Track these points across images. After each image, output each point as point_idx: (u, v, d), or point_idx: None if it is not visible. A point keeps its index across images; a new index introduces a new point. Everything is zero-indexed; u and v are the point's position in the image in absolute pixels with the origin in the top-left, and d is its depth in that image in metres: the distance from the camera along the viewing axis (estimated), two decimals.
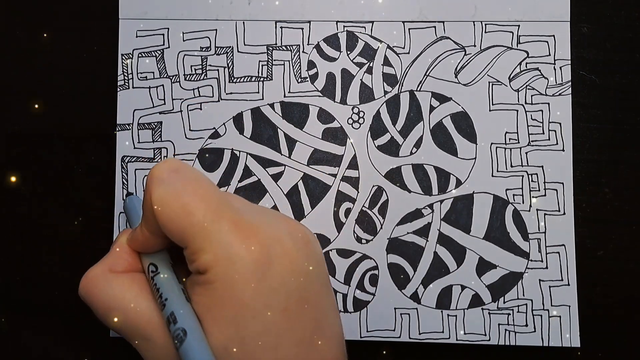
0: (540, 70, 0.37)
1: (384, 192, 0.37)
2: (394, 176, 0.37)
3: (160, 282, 0.28)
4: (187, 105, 0.38)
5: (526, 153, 0.37)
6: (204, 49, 0.38)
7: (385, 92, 0.38)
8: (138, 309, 0.28)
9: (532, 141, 0.37)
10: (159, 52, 0.38)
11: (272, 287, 0.26)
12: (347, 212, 0.37)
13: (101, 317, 0.29)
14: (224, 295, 0.26)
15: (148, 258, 0.30)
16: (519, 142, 0.37)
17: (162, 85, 0.38)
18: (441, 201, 0.37)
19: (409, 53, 0.38)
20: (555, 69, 0.37)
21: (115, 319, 0.28)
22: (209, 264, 0.26)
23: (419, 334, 0.37)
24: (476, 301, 0.37)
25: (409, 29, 0.38)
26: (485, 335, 0.36)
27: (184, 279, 0.29)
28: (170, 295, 0.27)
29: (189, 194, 0.27)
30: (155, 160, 0.38)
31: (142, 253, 0.30)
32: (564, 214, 0.37)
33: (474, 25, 0.38)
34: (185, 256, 0.28)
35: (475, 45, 0.38)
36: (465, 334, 0.37)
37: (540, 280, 0.37)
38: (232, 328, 0.26)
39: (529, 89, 0.37)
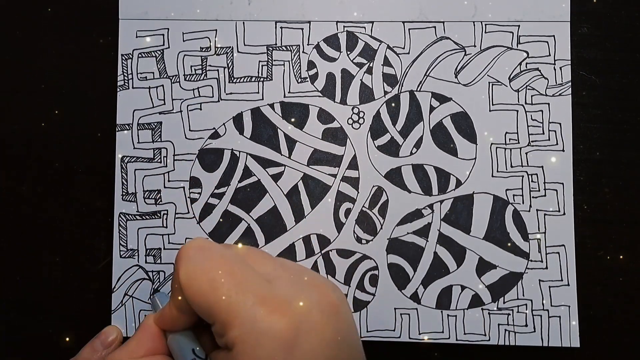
0: (540, 71, 0.37)
1: (384, 192, 0.37)
2: (394, 176, 0.37)
3: None
4: (187, 106, 0.38)
5: (526, 153, 0.37)
6: (204, 49, 0.38)
7: (385, 93, 0.38)
8: None
9: (532, 141, 0.37)
10: (159, 52, 0.38)
11: None
12: (347, 212, 0.37)
13: None
14: None
15: (186, 344, 0.30)
16: (519, 142, 0.37)
17: (162, 85, 0.38)
18: (441, 201, 0.37)
19: (409, 53, 0.38)
20: (555, 69, 0.37)
21: None
22: (235, 340, 0.27)
23: (419, 334, 0.37)
24: (476, 301, 0.37)
25: (409, 29, 0.38)
26: (485, 335, 0.36)
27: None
28: None
29: (215, 270, 0.28)
30: (155, 160, 0.38)
31: (171, 338, 0.31)
32: (564, 214, 0.37)
33: (474, 25, 0.38)
34: (214, 332, 0.28)
35: (475, 46, 0.38)
36: (465, 334, 0.37)
37: (540, 280, 0.37)
38: None
39: (529, 89, 0.37)
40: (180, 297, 0.29)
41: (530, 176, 0.37)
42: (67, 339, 0.38)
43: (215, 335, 0.28)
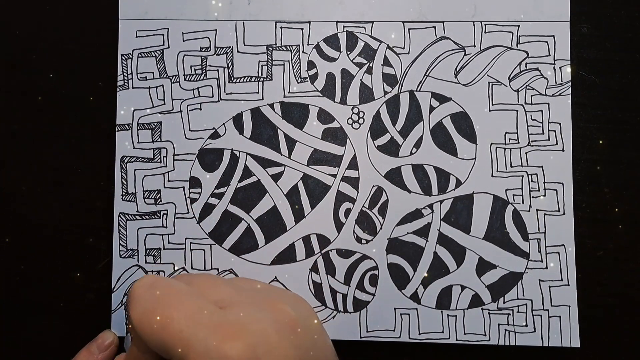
0: (540, 71, 0.37)
1: (383, 192, 0.37)
2: (394, 176, 0.37)
3: None
4: (187, 106, 0.38)
5: (526, 153, 0.37)
6: (203, 49, 0.38)
7: (385, 92, 0.38)
8: None
9: (532, 141, 0.37)
10: (159, 52, 0.38)
11: None
12: (347, 212, 0.37)
13: None
14: None
15: None
16: (518, 142, 0.37)
17: (162, 85, 0.38)
18: (441, 201, 0.37)
19: (408, 53, 0.38)
20: (555, 69, 0.37)
21: None
22: None
23: (419, 334, 0.37)
24: (476, 301, 0.37)
25: (409, 29, 0.38)
26: (485, 335, 0.36)
27: None
28: None
29: (164, 306, 0.28)
30: (155, 160, 0.38)
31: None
32: (564, 214, 0.37)
33: (474, 25, 0.38)
34: None
35: (475, 46, 0.38)
36: (465, 334, 0.37)
37: (540, 280, 0.37)
38: None
39: (528, 89, 0.37)
40: (137, 338, 0.29)
41: (530, 176, 0.37)
42: (67, 339, 0.38)
43: None
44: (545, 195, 0.37)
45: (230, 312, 0.28)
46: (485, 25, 0.38)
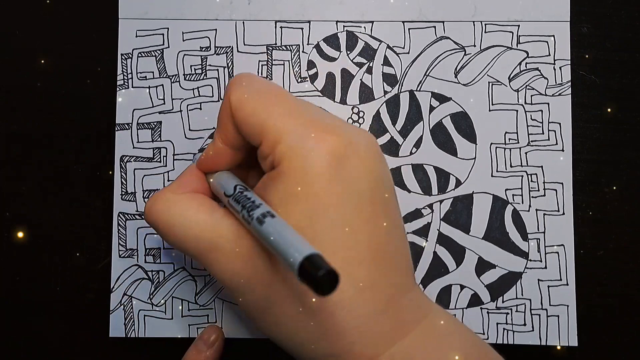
0: (540, 70, 0.37)
1: None
2: (394, 176, 0.37)
3: (251, 194, 0.28)
4: (187, 105, 0.38)
5: (526, 153, 0.37)
6: (203, 49, 0.38)
7: (385, 92, 0.38)
8: (202, 222, 0.29)
9: (531, 141, 0.37)
10: (159, 52, 0.38)
11: (345, 184, 0.26)
12: None
13: (165, 236, 0.30)
14: (297, 186, 0.26)
15: (230, 179, 0.30)
16: (518, 142, 0.37)
17: (162, 85, 0.38)
18: (441, 201, 0.37)
19: (408, 53, 0.38)
20: (555, 69, 0.37)
21: (190, 233, 0.28)
22: (283, 155, 0.26)
23: None
24: (475, 301, 0.37)
25: (409, 29, 0.38)
26: (484, 334, 0.37)
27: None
28: (263, 202, 0.27)
29: (267, 94, 0.28)
30: (155, 159, 0.38)
31: (214, 179, 0.31)
32: (564, 214, 0.37)
33: (474, 25, 0.38)
34: (259, 155, 0.28)
35: (475, 45, 0.38)
36: None
37: (539, 280, 0.37)
38: (306, 220, 0.26)
39: (528, 89, 0.37)
40: (227, 125, 0.29)
41: (529, 176, 0.37)
42: (67, 339, 0.38)
43: (260, 160, 0.28)
44: (544, 195, 0.37)
45: (326, 116, 0.29)
46: (485, 25, 0.38)
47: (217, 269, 0.28)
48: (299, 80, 0.38)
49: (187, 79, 0.38)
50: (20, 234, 0.38)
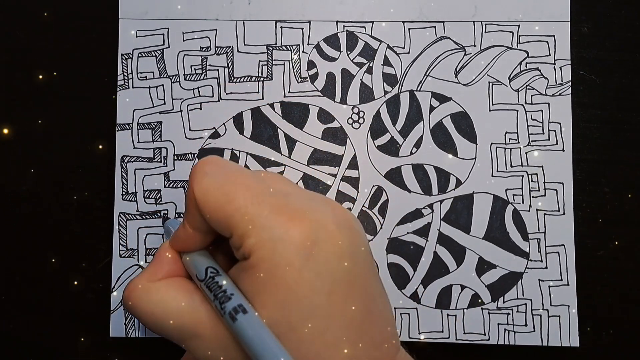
0: (540, 70, 0.37)
1: (384, 192, 0.37)
2: (394, 176, 0.37)
3: (223, 281, 0.28)
4: (187, 105, 0.38)
5: (526, 153, 0.37)
6: (204, 49, 0.38)
7: (385, 92, 0.38)
8: (183, 309, 0.28)
9: (532, 141, 0.37)
10: (159, 52, 0.38)
11: (316, 271, 0.26)
12: None
13: (146, 324, 0.29)
14: (269, 279, 0.26)
15: (201, 262, 0.30)
16: (519, 142, 0.37)
17: (162, 85, 0.38)
18: (441, 201, 0.37)
19: (409, 53, 0.38)
20: (555, 69, 0.37)
21: (170, 322, 0.28)
22: (252, 248, 0.26)
23: (419, 333, 0.37)
24: (476, 301, 0.37)
25: (409, 29, 0.38)
26: (485, 335, 0.36)
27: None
28: (235, 291, 0.27)
29: (231, 182, 0.28)
30: (155, 159, 0.38)
31: (187, 259, 0.30)
32: (564, 214, 0.37)
33: (474, 25, 0.38)
34: (231, 245, 0.28)
35: (475, 45, 0.38)
36: (464, 333, 0.37)
37: (539, 280, 0.37)
38: (279, 312, 0.26)
39: (529, 89, 0.37)
40: (194, 214, 0.28)
41: (530, 176, 0.37)
42: (67, 339, 0.38)
43: (233, 249, 0.28)
44: (545, 195, 0.37)
45: (292, 199, 0.28)
46: (485, 25, 0.38)
47: (199, 355, 0.28)
48: (299, 80, 0.38)
49: (187, 79, 0.38)
50: (20, 234, 0.38)
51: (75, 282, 0.38)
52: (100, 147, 0.38)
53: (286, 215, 0.27)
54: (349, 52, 0.38)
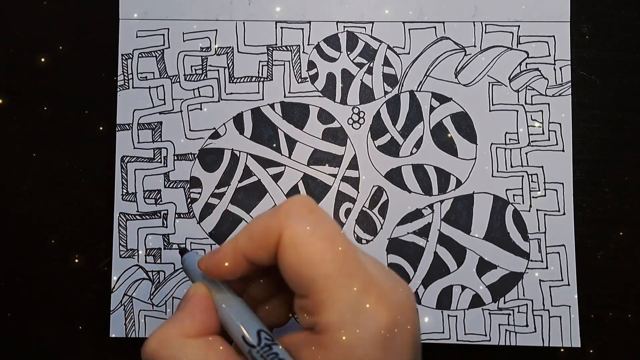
0: (540, 71, 0.37)
1: (384, 192, 0.37)
2: (394, 176, 0.37)
3: (283, 354, 0.25)
4: (187, 105, 0.38)
5: (526, 153, 0.37)
6: (204, 49, 0.38)
7: (386, 93, 0.38)
8: None
9: (532, 141, 0.37)
10: (159, 52, 0.38)
11: None
12: (347, 212, 0.37)
13: None
14: None
15: (250, 322, 0.26)
16: (519, 143, 0.37)
17: (162, 85, 0.38)
18: (441, 201, 0.37)
19: (409, 53, 0.38)
20: (555, 69, 0.37)
21: None
22: (331, 325, 0.23)
23: (419, 334, 0.36)
24: (476, 301, 0.37)
25: (409, 29, 0.38)
26: (486, 335, 0.36)
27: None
28: None
29: (327, 241, 0.24)
30: (155, 160, 0.38)
31: (227, 311, 0.26)
32: (564, 214, 0.37)
33: (474, 25, 0.38)
34: (299, 305, 0.25)
35: (475, 46, 0.38)
36: (465, 334, 0.37)
37: (540, 280, 0.37)
38: None
39: (529, 89, 0.37)
40: (266, 250, 0.25)
41: (530, 176, 0.37)
42: (67, 339, 0.38)
43: (297, 309, 0.25)
44: (545, 195, 0.37)
45: (374, 273, 0.25)
46: (485, 25, 0.38)
47: None
48: (300, 80, 0.38)
49: (187, 79, 0.38)
50: (20, 234, 0.38)
51: (75, 282, 0.38)
52: (101, 147, 0.38)
53: (374, 295, 0.24)
54: (349, 53, 0.38)
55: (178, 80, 0.38)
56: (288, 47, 0.38)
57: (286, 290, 0.26)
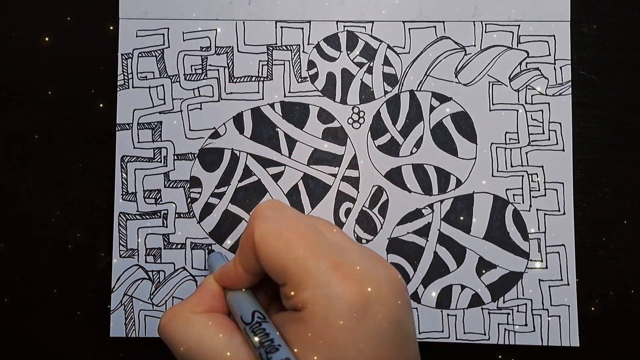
0: (540, 70, 0.37)
1: (384, 192, 0.37)
2: (394, 176, 0.37)
3: (270, 329, 0.28)
4: (187, 105, 0.38)
5: (526, 153, 0.37)
6: (204, 49, 0.38)
7: (386, 92, 0.38)
8: (221, 348, 0.28)
9: (532, 141, 0.37)
10: (159, 52, 0.38)
11: (367, 333, 0.26)
12: (348, 212, 0.37)
13: (179, 356, 0.29)
14: (318, 335, 0.26)
15: (248, 304, 0.29)
16: (519, 142, 0.37)
17: (162, 85, 0.38)
18: (441, 201, 0.37)
19: (409, 53, 0.38)
20: (555, 69, 0.37)
21: (197, 357, 0.28)
22: (306, 302, 0.26)
23: (419, 333, 0.37)
24: (476, 301, 0.37)
25: (409, 29, 0.38)
26: (485, 334, 0.37)
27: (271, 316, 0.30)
28: (282, 342, 0.27)
29: (290, 231, 0.28)
30: (155, 159, 0.38)
31: (232, 297, 0.30)
32: (564, 213, 0.37)
33: (474, 25, 0.38)
34: (282, 292, 0.28)
35: (475, 45, 0.38)
36: (465, 333, 0.37)
37: (540, 280, 0.37)
38: None
39: (529, 89, 0.37)
40: (249, 256, 0.28)
41: (530, 176, 0.37)
42: (67, 339, 0.38)
43: (282, 297, 0.28)
44: (545, 195, 0.37)
45: (347, 254, 0.28)
46: (485, 25, 0.38)
47: None
48: (300, 80, 0.38)
49: (187, 79, 0.38)
50: (20, 234, 0.38)
51: (75, 282, 0.38)
52: (101, 147, 0.38)
53: (343, 272, 0.27)
54: (349, 52, 0.38)
55: (178, 80, 0.38)
56: (288, 47, 0.38)
57: None
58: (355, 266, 0.27)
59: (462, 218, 0.37)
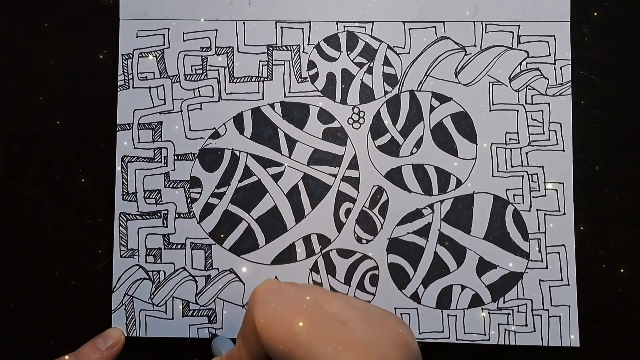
0: (540, 70, 0.37)
1: (384, 192, 0.37)
2: (394, 176, 0.37)
3: None
4: (187, 105, 0.38)
5: (526, 153, 0.37)
6: (204, 49, 0.38)
7: (386, 92, 0.38)
8: None
9: (532, 141, 0.37)
10: (159, 52, 0.38)
11: None
12: (348, 212, 0.37)
13: None
14: None
15: None
16: (519, 142, 0.37)
17: (163, 85, 0.38)
18: (441, 201, 0.37)
19: (409, 53, 0.38)
20: (555, 69, 0.37)
21: None
22: None
23: (419, 333, 0.37)
24: (476, 301, 0.37)
25: (409, 29, 0.38)
26: (485, 335, 0.36)
27: None
28: None
29: (292, 314, 0.28)
30: (155, 160, 0.38)
31: None
32: (564, 214, 0.37)
33: (474, 25, 0.38)
34: None
35: (475, 45, 0.38)
36: (465, 333, 0.37)
37: (540, 280, 0.37)
38: None
39: (529, 89, 0.37)
40: (252, 341, 0.29)
41: (530, 176, 0.37)
42: (67, 339, 0.38)
43: None
44: (545, 195, 0.37)
45: (352, 328, 0.28)
46: (485, 25, 0.38)
47: None
48: (300, 80, 0.38)
49: (187, 79, 0.38)
50: (20, 234, 0.38)
51: (75, 282, 0.38)
52: (101, 147, 0.38)
53: (349, 349, 0.27)
54: (349, 52, 0.38)
55: (178, 80, 0.38)
56: (288, 47, 0.38)
57: None
58: (360, 340, 0.27)
59: (462, 218, 0.37)
